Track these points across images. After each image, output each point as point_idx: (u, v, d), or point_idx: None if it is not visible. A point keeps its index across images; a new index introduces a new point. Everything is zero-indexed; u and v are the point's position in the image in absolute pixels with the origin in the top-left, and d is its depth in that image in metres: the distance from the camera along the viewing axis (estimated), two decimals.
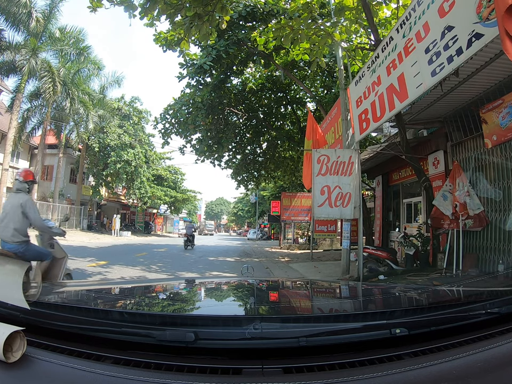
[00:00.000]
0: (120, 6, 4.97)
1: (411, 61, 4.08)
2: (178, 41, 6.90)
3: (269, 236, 36.66)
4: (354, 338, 0.79)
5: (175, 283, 2.03)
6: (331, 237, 16.82)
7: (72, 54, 19.32)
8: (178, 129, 12.23)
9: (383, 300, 1.37)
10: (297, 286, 1.95)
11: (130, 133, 24.01)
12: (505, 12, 2.15)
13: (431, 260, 6.57)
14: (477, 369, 0.70)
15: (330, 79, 11.80)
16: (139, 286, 1.84)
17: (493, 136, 5.32)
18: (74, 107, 19.67)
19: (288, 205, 17.84)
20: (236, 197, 53.16)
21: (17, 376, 0.63)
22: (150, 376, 0.66)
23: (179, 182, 33.40)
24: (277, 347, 0.77)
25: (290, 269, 9.43)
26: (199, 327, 0.81)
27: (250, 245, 24.02)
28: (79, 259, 8.35)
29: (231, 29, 8.83)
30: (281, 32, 6.32)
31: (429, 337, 0.81)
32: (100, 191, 24.36)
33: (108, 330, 0.79)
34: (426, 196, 7.07)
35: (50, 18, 17.64)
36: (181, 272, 7.54)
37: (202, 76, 10.18)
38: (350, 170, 6.51)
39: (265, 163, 15.81)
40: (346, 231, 7.07)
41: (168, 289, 1.68)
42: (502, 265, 5.13)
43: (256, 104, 14.07)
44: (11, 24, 16.42)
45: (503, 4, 2.18)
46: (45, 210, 20.07)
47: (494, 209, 5.54)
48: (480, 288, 1.64)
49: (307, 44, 6.89)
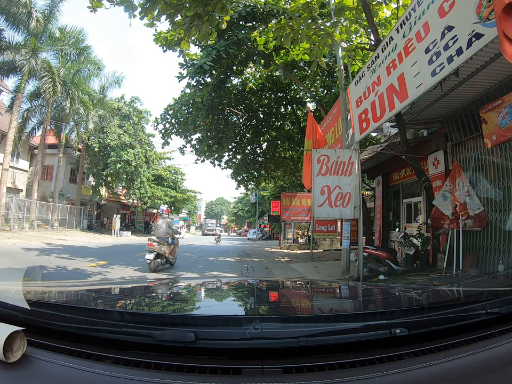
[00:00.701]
0: (120, 6, 4.97)
1: (411, 61, 4.08)
2: (178, 41, 6.90)
3: (269, 236, 36.68)
4: (354, 338, 0.79)
5: (175, 283, 2.03)
6: (331, 237, 16.82)
7: (72, 54, 19.32)
8: (178, 129, 12.23)
9: (383, 300, 1.37)
10: (297, 286, 1.95)
11: (130, 133, 24.01)
12: (502, 12, 2.16)
13: (431, 260, 6.57)
14: (477, 369, 0.70)
15: (330, 79, 11.79)
16: (139, 286, 1.84)
17: (493, 136, 5.32)
18: (74, 107, 19.68)
19: (288, 205, 17.84)
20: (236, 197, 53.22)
21: (17, 376, 0.63)
22: (150, 376, 0.66)
23: (179, 182, 33.42)
24: (277, 347, 0.77)
25: (290, 269, 9.43)
26: (199, 327, 0.81)
27: (250, 245, 24.02)
28: (79, 259, 8.35)
29: (231, 29, 8.82)
30: (281, 32, 6.32)
31: (429, 337, 0.81)
32: (99, 191, 24.35)
33: (107, 330, 0.79)
34: (426, 196, 7.07)
35: (50, 18, 17.63)
36: (181, 272, 7.54)
37: (202, 76, 10.17)
38: (350, 170, 6.51)
39: (265, 163, 15.81)
40: (346, 231, 7.06)
41: (168, 289, 1.68)
42: (502, 265, 5.12)
43: (256, 104, 14.06)
44: (11, 24, 16.41)
45: (500, 4, 2.18)
46: (45, 210, 20.09)
47: (494, 209, 5.53)
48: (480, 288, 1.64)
49: (307, 44, 6.89)
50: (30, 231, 17.05)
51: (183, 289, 1.67)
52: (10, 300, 0.82)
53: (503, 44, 2.15)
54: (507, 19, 2.16)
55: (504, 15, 2.16)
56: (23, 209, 17.98)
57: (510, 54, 2.14)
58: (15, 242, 11.69)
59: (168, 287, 1.73)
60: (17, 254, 8.33)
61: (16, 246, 10.58)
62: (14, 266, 6.02)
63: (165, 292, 1.59)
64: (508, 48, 2.14)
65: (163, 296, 1.50)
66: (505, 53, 2.16)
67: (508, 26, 2.15)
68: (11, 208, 17.11)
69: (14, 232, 15.46)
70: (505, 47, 2.14)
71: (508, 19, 2.16)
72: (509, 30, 2.13)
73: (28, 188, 21.07)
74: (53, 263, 7.15)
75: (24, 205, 18.18)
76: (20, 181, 21.19)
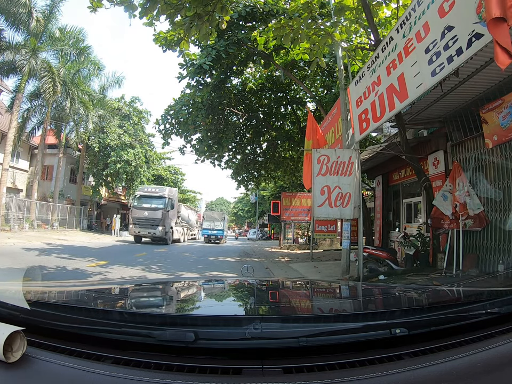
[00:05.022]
0: (120, 6, 4.97)
1: (411, 61, 4.08)
2: (178, 41, 6.91)
3: (269, 236, 36.70)
4: (354, 338, 0.79)
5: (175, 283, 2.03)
6: (331, 237, 16.81)
7: (72, 54, 19.31)
8: (179, 129, 12.23)
9: (383, 300, 1.37)
10: (297, 286, 1.95)
11: (130, 133, 24.02)
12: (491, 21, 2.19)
13: (431, 260, 6.57)
14: (477, 369, 0.70)
15: (330, 79, 11.80)
16: (139, 286, 1.84)
17: (494, 136, 5.32)
18: (74, 107, 19.68)
19: (288, 205, 17.83)
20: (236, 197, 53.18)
21: (17, 376, 0.63)
22: (150, 376, 0.66)
23: (179, 182, 33.46)
24: (277, 347, 0.77)
25: (290, 269, 9.42)
26: (199, 327, 0.81)
27: (250, 245, 24.02)
28: (79, 259, 8.35)
29: (231, 29, 8.83)
30: (281, 31, 6.32)
31: (429, 337, 0.81)
32: (99, 191, 24.35)
33: (108, 330, 0.79)
34: (426, 196, 7.07)
35: (50, 18, 17.63)
36: (181, 272, 7.54)
37: (202, 76, 10.17)
38: (350, 170, 6.51)
39: (265, 163, 15.82)
40: (346, 231, 7.06)
41: (168, 289, 1.68)
42: (502, 265, 5.12)
43: (256, 104, 14.07)
44: (11, 24, 16.41)
45: (488, 15, 2.22)
46: (45, 210, 20.09)
47: (494, 209, 5.53)
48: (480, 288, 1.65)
49: (307, 44, 6.90)
50: (30, 231, 17.06)
51: (183, 289, 1.67)
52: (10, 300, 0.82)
53: (495, 51, 2.18)
54: (496, 27, 2.19)
55: (493, 24, 2.19)
56: (23, 209, 17.97)
57: (501, 61, 2.17)
58: (15, 242, 11.68)
59: (168, 287, 1.73)
60: (17, 254, 8.33)
61: (16, 246, 10.57)
62: (14, 266, 6.01)
63: (165, 292, 1.59)
64: (500, 55, 2.17)
65: (163, 296, 1.50)
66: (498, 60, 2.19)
67: (496, 34, 2.18)
68: (11, 208, 17.11)
69: (14, 232, 15.46)
70: (498, 54, 2.17)
71: (497, 27, 2.19)
72: (499, 37, 2.16)
73: (28, 188, 21.07)
74: (53, 263, 7.14)
75: (24, 205, 18.18)
76: (19, 181, 21.19)
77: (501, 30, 2.18)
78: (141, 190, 18.29)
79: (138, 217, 16.28)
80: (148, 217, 16.17)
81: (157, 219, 16.23)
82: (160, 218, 16.28)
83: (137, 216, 16.33)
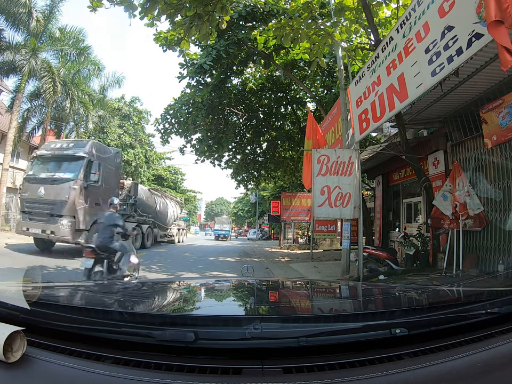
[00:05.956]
0: (120, 6, 4.97)
1: (411, 61, 4.08)
2: (178, 41, 6.92)
3: (269, 236, 36.68)
4: (354, 338, 0.79)
5: (175, 283, 2.03)
6: (331, 237, 16.81)
7: (72, 54, 19.30)
8: (178, 129, 12.22)
9: (383, 300, 1.37)
10: (297, 286, 1.95)
11: (131, 133, 24.03)
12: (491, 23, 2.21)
13: (431, 260, 6.57)
14: (477, 369, 0.70)
15: (330, 79, 11.79)
16: (139, 286, 1.84)
17: (493, 136, 5.32)
18: (74, 107, 19.66)
19: (288, 205, 17.83)
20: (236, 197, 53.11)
21: (17, 376, 0.63)
22: (150, 376, 0.66)
23: (179, 182, 33.48)
24: (277, 347, 0.77)
25: (290, 269, 9.42)
26: (199, 327, 0.81)
27: (250, 245, 24.00)
28: (79, 259, 8.33)
29: (231, 29, 8.82)
30: (281, 31, 6.32)
31: (429, 337, 0.81)
32: None
33: (107, 330, 0.79)
34: (426, 196, 7.06)
35: (50, 18, 17.63)
36: (181, 272, 7.54)
37: (202, 76, 10.17)
38: (350, 170, 6.51)
39: (265, 163, 15.81)
40: (346, 231, 7.07)
41: (168, 289, 1.68)
42: (502, 265, 5.12)
43: (256, 104, 14.07)
44: (11, 24, 16.41)
45: (488, 17, 2.24)
46: None
47: (494, 209, 5.53)
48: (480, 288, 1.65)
49: (307, 44, 6.90)
50: None
51: (183, 289, 1.67)
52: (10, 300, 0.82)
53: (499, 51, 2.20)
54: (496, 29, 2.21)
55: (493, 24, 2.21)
56: None
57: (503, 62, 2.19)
58: (15, 242, 11.68)
59: (168, 287, 1.73)
60: (17, 254, 8.32)
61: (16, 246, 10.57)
62: (14, 266, 6.01)
63: (165, 292, 1.59)
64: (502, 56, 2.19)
65: (163, 296, 1.50)
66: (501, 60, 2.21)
67: (497, 35, 2.20)
68: (11, 208, 17.10)
69: (14, 232, 15.43)
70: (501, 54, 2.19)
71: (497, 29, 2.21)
72: (499, 39, 2.18)
73: None
74: (53, 263, 7.14)
75: None
76: (20, 181, 21.17)
77: (501, 32, 2.20)
78: (44, 147, 10.18)
79: (30, 198, 8.83)
80: (44, 198, 8.60)
81: (59, 202, 8.43)
82: (65, 201, 8.40)
83: (28, 197, 8.90)
